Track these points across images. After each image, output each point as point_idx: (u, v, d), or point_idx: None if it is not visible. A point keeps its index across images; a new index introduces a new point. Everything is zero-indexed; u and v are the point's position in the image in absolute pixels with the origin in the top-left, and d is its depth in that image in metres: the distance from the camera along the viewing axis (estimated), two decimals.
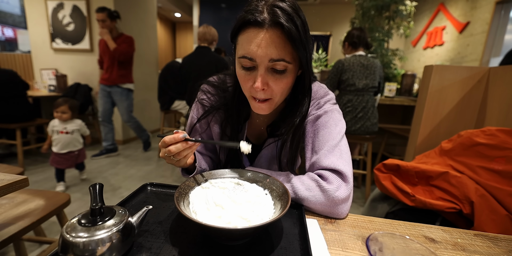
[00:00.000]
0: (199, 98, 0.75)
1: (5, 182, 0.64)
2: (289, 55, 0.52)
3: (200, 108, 0.75)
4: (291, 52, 0.52)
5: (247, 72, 0.55)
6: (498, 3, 3.11)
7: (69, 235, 0.38)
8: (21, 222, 0.96)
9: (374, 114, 2.08)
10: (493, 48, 3.22)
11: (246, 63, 0.54)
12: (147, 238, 0.47)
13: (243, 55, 0.53)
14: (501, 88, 1.17)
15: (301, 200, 0.58)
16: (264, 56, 0.51)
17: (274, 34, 0.50)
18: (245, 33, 0.52)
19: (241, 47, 0.54)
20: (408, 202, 0.86)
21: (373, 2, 3.00)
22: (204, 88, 0.75)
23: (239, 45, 0.54)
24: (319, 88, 0.72)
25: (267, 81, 0.54)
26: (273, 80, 0.55)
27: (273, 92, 0.56)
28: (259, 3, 0.52)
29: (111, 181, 2.39)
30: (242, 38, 0.53)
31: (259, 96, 0.57)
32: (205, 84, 0.75)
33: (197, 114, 0.75)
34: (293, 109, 0.65)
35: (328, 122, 0.66)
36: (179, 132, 0.53)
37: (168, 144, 0.53)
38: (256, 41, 0.51)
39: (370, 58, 2.03)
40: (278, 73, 0.54)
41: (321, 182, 0.57)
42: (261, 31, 0.50)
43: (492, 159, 0.82)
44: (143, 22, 3.80)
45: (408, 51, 5.37)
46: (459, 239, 0.53)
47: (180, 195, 0.49)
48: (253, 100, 0.59)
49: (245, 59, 0.53)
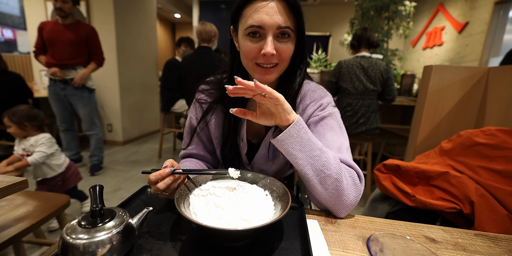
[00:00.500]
0: (197, 98, 0.76)
1: (5, 184, 0.64)
2: (293, 24, 0.57)
3: (198, 107, 0.76)
4: (294, 21, 0.57)
5: (254, 41, 0.58)
6: (497, 3, 3.12)
7: (69, 237, 0.38)
8: (21, 224, 0.96)
9: (376, 118, 2.00)
10: (492, 48, 3.23)
11: (254, 32, 0.57)
12: (148, 240, 0.46)
13: (251, 25, 0.56)
14: (500, 88, 1.17)
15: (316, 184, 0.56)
16: (273, 23, 0.55)
17: (280, 5, 0.55)
18: (253, 4, 0.57)
19: (250, 17, 0.57)
20: (409, 202, 0.85)
21: (373, 3, 3.01)
22: (201, 88, 0.77)
23: (246, 17, 0.58)
24: (316, 88, 0.72)
25: (276, 46, 0.57)
26: (280, 46, 0.58)
27: (281, 57, 0.59)
28: None
29: (111, 182, 2.39)
30: (249, 10, 0.57)
31: (269, 61, 0.59)
32: (202, 85, 0.77)
33: (195, 115, 0.76)
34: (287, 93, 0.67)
35: (334, 124, 0.66)
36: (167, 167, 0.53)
37: (155, 182, 0.52)
38: (265, 10, 0.55)
39: (373, 59, 1.94)
40: (284, 40, 0.58)
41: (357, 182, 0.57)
42: (270, 1, 0.55)
43: (492, 159, 0.82)
44: (143, 23, 3.80)
45: (408, 51, 5.38)
46: (459, 239, 0.53)
47: (181, 197, 0.49)
48: (258, 68, 0.61)
49: (253, 28, 0.56)
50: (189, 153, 0.79)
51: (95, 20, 3.22)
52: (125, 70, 3.49)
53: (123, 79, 3.46)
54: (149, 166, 2.87)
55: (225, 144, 0.74)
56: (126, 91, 3.54)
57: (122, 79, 3.43)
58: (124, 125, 3.57)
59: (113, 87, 3.40)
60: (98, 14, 3.20)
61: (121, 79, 3.41)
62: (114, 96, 3.44)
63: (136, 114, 3.82)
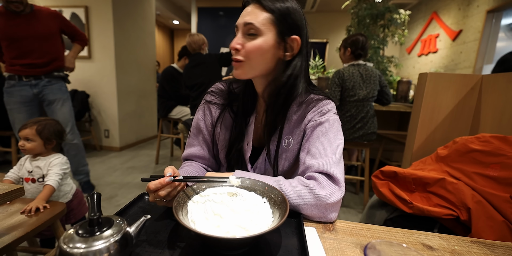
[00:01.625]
0: (207, 99, 0.78)
1: (1, 192, 0.63)
2: (259, 22, 0.62)
3: (207, 109, 0.78)
4: (264, 20, 0.62)
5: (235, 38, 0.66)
6: (489, 12, 3.19)
7: (66, 246, 0.37)
8: (15, 232, 0.94)
9: (373, 123, 2.06)
10: (485, 55, 3.29)
11: (235, 31, 0.66)
12: (145, 248, 0.46)
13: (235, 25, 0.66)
14: (494, 95, 1.19)
15: (292, 207, 0.58)
16: (241, 22, 0.63)
17: (253, 7, 0.63)
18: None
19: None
20: (406, 209, 0.86)
21: (368, 11, 3.06)
22: (210, 90, 0.80)
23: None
24: (322, 96, 0.73)
25: (241, 42, 0.64)
26: (245, 41, 0.64)
27: (245, 53, 0.64)
28: None
29: (107, 189, 2.36)
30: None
31: (234, 56, 0.65)
32: (212, 87, 0.81)
33: (202, 116, 0.78)
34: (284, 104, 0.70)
35: (329, 130, 0.67)
36: (167, 176, 0.54)
37: (155, 190, 0.53)
38: (242, 14, 0.65)
39: (368, 67, 2.01)
40: (250, 36, 0.63)
41: (314, 189, 0.58)
42: (247, 8, 0.64)
43: (487, 165, 0.83)
44: (142, 29, 3.83)
45: (403, 58, 5.46)
46: (456, 246, 0.53)
47: (179, 204, 0.49)
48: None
49: (235, 28, 0.66)
50: (193, 155, 0.80)
51: (94, 27, 3.25)
52: (123, 76, 3.50)
53: (121, 85, 3.47)
54: (146, 172, 2.85)
55: (231, 147, 0.75)
56: (123, 97, 3.54)
57: (120, 85, 3.44)
58: (121, 131, 3.56)
59: (111, 92, 3.41)
60: (97, 20, 3.23)
61: (119, 85, 3.42)
62: (112, 102, 3.44)
63: (133, 120, 3.82)
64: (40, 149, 1.27)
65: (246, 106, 0.75)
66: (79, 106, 3.19)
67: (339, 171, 0.61)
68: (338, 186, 0.59)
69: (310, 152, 0.66)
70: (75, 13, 3.25)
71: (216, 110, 0.77)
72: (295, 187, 0.59)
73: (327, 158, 0.62)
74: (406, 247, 0.39)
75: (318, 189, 0.58)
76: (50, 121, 1.34)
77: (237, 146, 0.74)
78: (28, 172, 1.25)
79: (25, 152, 1.26)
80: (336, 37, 5.90)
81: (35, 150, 1.26)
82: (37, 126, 1.26)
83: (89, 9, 3.22)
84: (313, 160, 0.63)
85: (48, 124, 1.31)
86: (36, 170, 1.25)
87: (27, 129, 1.24)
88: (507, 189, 0.76)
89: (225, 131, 0.76)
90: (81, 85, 3.43)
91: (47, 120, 1.34)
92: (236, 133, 0.74)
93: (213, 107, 0.77)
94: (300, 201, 0.58)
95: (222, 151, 0.78)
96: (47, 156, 1.30)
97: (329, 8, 5.59)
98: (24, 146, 1.24)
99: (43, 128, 1.27)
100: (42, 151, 1.28)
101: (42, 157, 1.28)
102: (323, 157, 0.63)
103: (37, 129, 1.25)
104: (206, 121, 0.78)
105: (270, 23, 0.62)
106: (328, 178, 0.60)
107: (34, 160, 1.27)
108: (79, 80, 3.44)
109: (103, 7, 3.18)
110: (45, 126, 1.28)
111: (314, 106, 0.71)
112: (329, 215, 0.58)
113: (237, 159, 0.76)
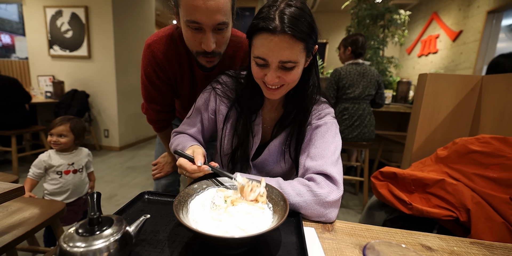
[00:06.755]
0: (214, 87, 0.79)
1: (1, 191, 0.63)
2: (296, 55, 0.59)
3: (212, 95, 0.79)
4: (299, 51, 0.58)
5: (261, 67, 0.63)
6: (489, 13, 3.19)
7: (66, 245, 0.38)
8: (15, 231, 0.94)
9: (371, 121, 2.09)
10: (486, 56, 3.29)
11: (260, 62, 0.61)
12: (145, 248, 0.46)
13: (257, 56, 0.60)
14: (494, 96, 1.19)
15: (291, 206, 0.59)
16: (275, 58, 0.58)
17: (283, 40, 0.56)
18: (259, 37, 0.59)
19: (256, 49, 0.61)
20: (406, 210, 0.86)
21: (368, 11, 3.07)
22: (220, 78, 0.80)
23: (254, 46, 0.61)
24: (322, 102, 0.76)
25: (278, 75, 0.62)
26: (282, 74, 0.62)
27: (285, 81, 0.63)
28: (270, 10, 0.58)
29: (107, 188, 2.36)
30: (256, 41, 0.60)
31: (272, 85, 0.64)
32: (222, 75, 0.81)
33: (207, 99, 0.79)
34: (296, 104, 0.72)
35: (327, 132, 0.70)
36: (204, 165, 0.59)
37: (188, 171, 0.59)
38: (269, 46, 0.57)
39: (366, 65, 2.05)
40: (287, 70, 0.61)
41: (312, 187, 0.59)
42: (273, 37, 0.56)
43: (487, 166, 0.83)
44: (141, 30, 3.83)
45: (403, 58, 5.46)
46: (455, 247, 0.53)
47: (179, 203, 0.49)
48: (265, 86, 0.66)
49: (259, 59, 0.60)
50: (185, 133, 0.82)
51: (93, 27, 3.25)
52: (123, 76, 3.50)
53: (121, 85, 3.47)
54: (146, 172, 2.85)
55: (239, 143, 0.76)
56: (123, 97, 3.54)
57: (119, 85, 3.44)
58: (121, 131, 3.56)
59: (111, 93, 3.41)
60: (97, 20, 3.23)
61: (118, 85, 3.42)
62: (112, 102, 3.44)
63: (133, 120, 3.82)
64: (71, 144, 1.40)
65: (253, 104, 0.75)
66: (78, 106, 3.19)
67: (336, 171, 0.63)
68: (336, 185, 0.61)
69: (309, 155, 0.68)
70: (75, 13, 3.25)
71: (220, 102, 0.78)
72: (294, 186, 0.61)
73: (325, 159, 0.64)
74: (405, 247, 0.39)
75: (317, 188, 0.59)
76: (77, 119, 1.46)
77: (245, 141, 0.75)
78: (68, 165, 1.39)
79: (58, 147, 1.37)
80: (335, 37, 5.90)
81: (67, 144, 1.38)
82: (70, 124, 1.39)
83: (89, 9, 3.22)
84: (312, 162, 0.65)
85: (78, 121, 1.44)
86: (78, 162, 1.43)
87: (62, 126, 1.36)
88: (506, 191, 0.76)
89: (231, 126, 0.78)
90: (81, 85, 3.43)
91: (75, 118, 1.45)
92: (243, 129, 0.75)
93: (218, 97, 0.78)
94: (299, 199, 0.58)
95: (224, 144, 0.79)
96: (77, 149, 1.46)
97: (329, 9, 5.60)
98: (58, 141, 1.35)
99: (75, 126, 1.40)
100: (71, 146, 1.42)
101: (75, 151, 1.45)
102: (321, 159, 0.64)
103: (70, 126, 1.38)
104: (209, 107, 0.79)
105: (304, 50, 0.59)
106: (326, 178, 0.62)
107: (68, 154, 1.41)
108: (79, 80, 3.44)
109: (103, 7, 3.18)
110: (76, 124, 1.41)
111: (313, 110, 0.73)
112: (329, 215, 0.59)
113: (242, 154, 0.77)
